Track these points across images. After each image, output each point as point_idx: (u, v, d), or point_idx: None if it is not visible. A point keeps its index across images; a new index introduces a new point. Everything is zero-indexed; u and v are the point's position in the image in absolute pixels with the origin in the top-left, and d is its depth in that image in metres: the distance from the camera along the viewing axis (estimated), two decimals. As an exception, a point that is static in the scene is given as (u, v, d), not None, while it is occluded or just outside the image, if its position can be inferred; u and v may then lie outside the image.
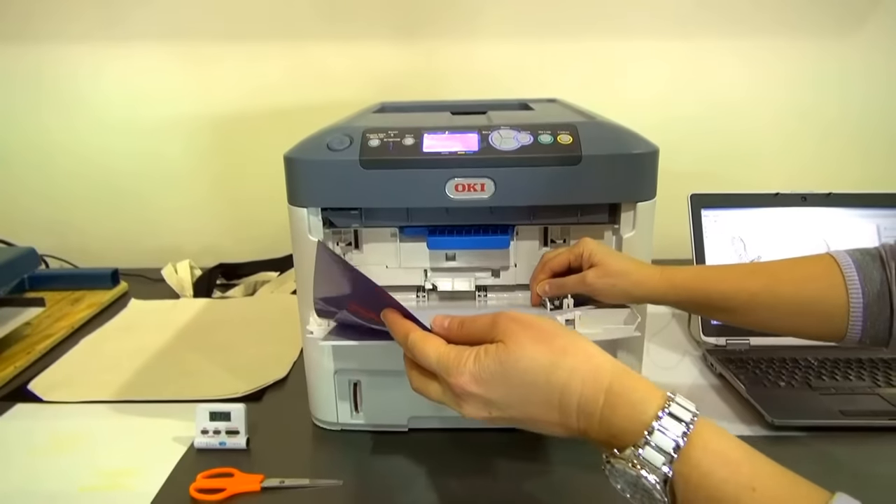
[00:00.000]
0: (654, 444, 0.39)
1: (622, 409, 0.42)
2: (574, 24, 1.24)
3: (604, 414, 0.42)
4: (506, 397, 0.45)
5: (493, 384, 0.44)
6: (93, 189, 1.35)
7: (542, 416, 0.45)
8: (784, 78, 1.27)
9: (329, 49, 1.26)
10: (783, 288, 0.61)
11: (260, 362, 0.90)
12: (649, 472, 0.39)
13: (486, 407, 0.45)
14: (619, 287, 0.63)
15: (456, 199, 0.64)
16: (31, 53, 1.27)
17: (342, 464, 0.69)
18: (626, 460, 0.40)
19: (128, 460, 0.69)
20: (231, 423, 0.71)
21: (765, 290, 0.61)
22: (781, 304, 0.61)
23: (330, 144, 0.65)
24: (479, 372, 0.45)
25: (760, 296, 0.61)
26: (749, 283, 0.62)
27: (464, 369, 0.45)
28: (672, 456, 0.39)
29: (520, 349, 0.44)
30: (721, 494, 0.38)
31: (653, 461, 0.39)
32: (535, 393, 0.44)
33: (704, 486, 0.38)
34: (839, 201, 0.95)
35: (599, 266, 0.64)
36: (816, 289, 0.60)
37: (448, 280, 0.71)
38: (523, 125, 0.66)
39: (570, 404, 0.43)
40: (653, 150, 0.65)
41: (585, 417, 0.43)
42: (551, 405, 0.44)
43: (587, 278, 0.64)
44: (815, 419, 0.73)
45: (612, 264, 0.64)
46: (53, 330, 1.01)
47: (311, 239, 0.67)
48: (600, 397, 0.42)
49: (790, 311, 0.61)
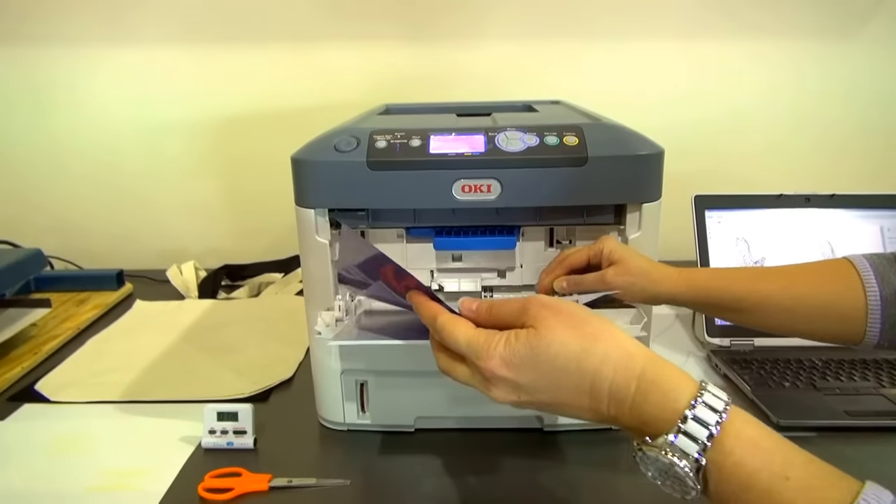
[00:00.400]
0: (687, 432, 0.39)
1: (654, 395, 0.42)
2: (578, 26, 1.25)
3: (635, 401, 0.42)
4: (535, 382, 0.45)
5: (523, 369, 0.45)
6: (98, 190, 1.35)
7: (572, 402, 0.45)
8: (787, 79, 1.27)
9: (334, 50, 1.26)
10: (799, 290, 0.61)
11: (266, 363, 0.90)
12: (682, 460, 0.39)
13: (516, 391, 0.45)
14: (637, 286, 0.64)
15: (462, 201, 0.64)
16: (37, 55, 1.27)
17: (349, 464, 0.70)
18: (658, 448, 0.40)
19: (136, 460, 0.70)
20: (238, 424, 0.71)
21: (781, 291, 0.61)
22: (797, 305, 0.61)
23: (337, 146, 0.65)
24: (509, 356, 0.45)
25: (776, 297, 0.61)
26: (765, 285, 0.62)
27: (494, 353, 0.45)
28: (706, 444, 0.39)
29: (550, 334, 0.44)
30: (754, 483, 0.38)
31: (686, 449, 0.39)
32: (565, 378, 0.44)
33: (737, 475, 0.38)
34: (842, 202, 0.95)
35: (619, 264, 0.64)
36: (833, 291, 0.60)
37: (454, 281, 0.72)
38: (529, 126, 0.66)
39: (601, 390, 0.43)
40: (658, 152, 0.65)
41: (616, 404, 0.43)
42: (581, 391, 0.44)
43: (606, 276, 0.64)
44: (821, 419, 0.73)
45: (632, 263, 0.64)
46: (59, 331, 1.01)
47: (319, 240, 0.67)
48: (632, 384, 0.42)
49: (806, 313, 0.61)
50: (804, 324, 0.62)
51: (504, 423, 0.73)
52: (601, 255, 0.66)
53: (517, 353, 0.45)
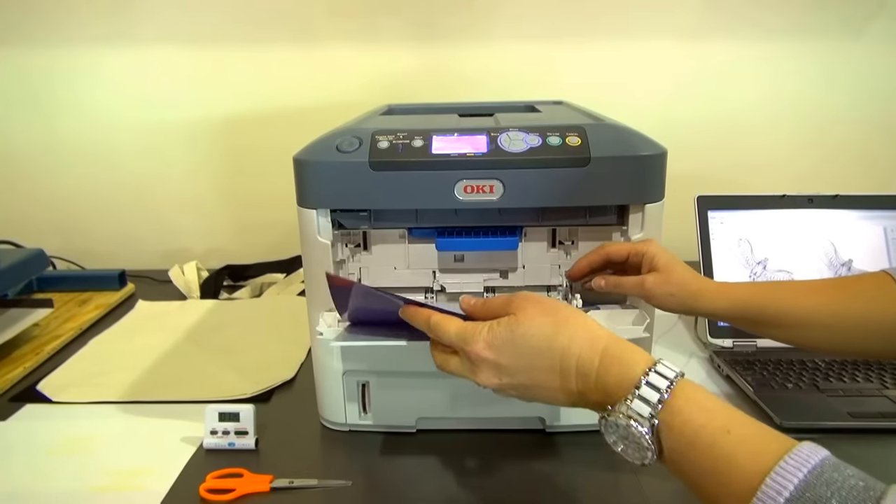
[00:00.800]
0: (642, 396, 0.44)
1: (615, 368, 0.47)
2: (581, 26, 1.25)
3: (599, 374, 0.47)
4: (514, 362, 0.50)
5: (503, 350, 0.50)
6: (100, 190, 1.35)
7: (545, 382, 0.50)
8: (791, 79, 1.27)
9: (336, 51, 1.26)
10: (843, 306, 0.60)
11: (267, 363, 0.90)
12: (637, 422, 0.44)
13: (498, 373, 0.51)
14: (676, 297, 0.63)
15: (465, 201, 0.64)
16: (38, 55, 1.27)
17: (351, 464, 0.69)
18: (617, 413, 0.45)
19: (138, 460, 0.70)
20: (240, 424, 0.71)
21: (824, 308, 0.60)
22: (840, 322, 0.60)
23: (339, 146, 0.65)
24: (491, 339, 0.51)
25: (820, 313, 0.60)
26: (807, 300, 0.61)
27: (479, 338, 0.51)
28: (657, 406, 0.43)
29: (528, 319, 0.50)
30: (699, 438, 0.42)
31: (640, 411, 0.44)
32: (539, 357, 0.50)
33: (685, 433, 0.43)
34: (846, 203, 0.95)
35: (660, 273, 0.63)
36: (878, 307, 0.58)
37: (456, 281, 0.71)
38: (532, 127, 0.66)
39: (569, 367, 0.49)
40: (661, 152, 0.65)
41: (583, 378, 0.48)
42: (553, 370, 0.49)
43: (646, 283, 0.63)
44: (824, 421, 0.73)
45: (675, 273, 0.63)
46: (62, 331, 1.01)
47: (321, 240, 0.67)
48: (596, 359, 0.48)
49: (851, 329, 0.59)
50: (848, 341, 0.60)
51: (506, 423, 0.73)
52: (642, 257, 0.65)
53: (498, 336, 0.50)
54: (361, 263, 0.72)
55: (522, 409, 0.71)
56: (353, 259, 0.72)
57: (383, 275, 0.72)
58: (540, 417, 0.72)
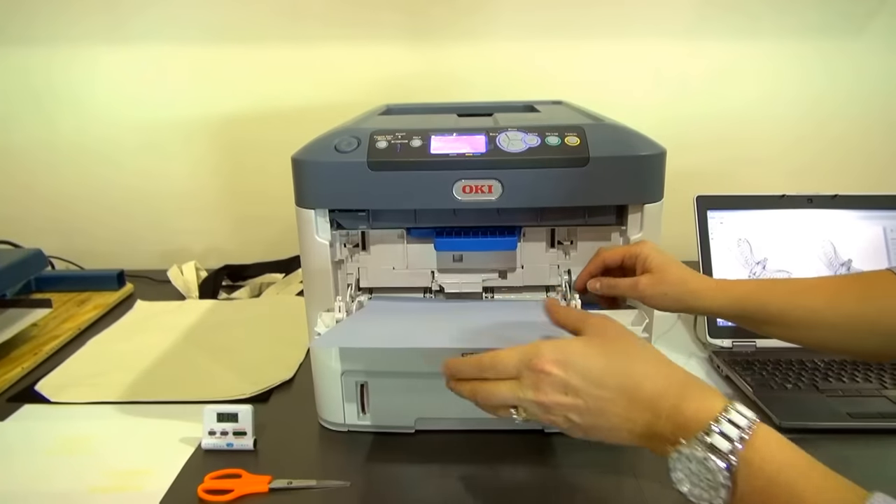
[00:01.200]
0: (722, 431, 0.42)
1: (693, 402, 0.45)
2: (579, 26, 1.24)
3: (674, 404, 0.45)
4: (585, 383, 0.47)
5: (575, 368, 0.47)
6: (99, 191, 1.35)
7: (611, 408, 0.47)
8: (790, 79, 1.27)
9: (335, 50, 1.26)
10: (846, 305, 0.59)
11: (266, 363, 0.90)
12: (716, 456, 0.42)
13: (565, 389, 0.48)
14: (671, 296, 0.62)
15: (463, 201, 0.64)
16: (38, 56, 1.27)
17: (349, 465, 0.69)
18: (693, 445, 0.43)
19: (136, 461, 0.70)
20: (238, 425, 0.71)
21: (827, 306, 0.59)
22: (844, 321, 0.59)
23: (338, 146, 0.65)
24: (564, 357, 0.48)
25: (823, 312, 0.59)
26: (810, 299, 0.60)
27: (546, 352, 0.48)
28: (738, 443, 0.42)
29: (607, 343, 0.49)
30: (779, 479, 0.41)
31: (720, 446, 0.42)
32: (612, 380, 0.47)
33: (765, 472, 0.41)
34: (845, 203, 0.94)
35: (654, 273, 0.63)
36: (882, 306, 0.57)
37: (455, 281, 0.71)
38: (530, 127, 0.66)
39: (642, 396, 0.46)
40: (660, 152, 0.65)
41: (654, 409, 0.46)
42: (624, 395, 0.47)
43: (639, 285, 0.63)
44: (823, 421, 0.72)
45: (669, 273, 0.63)
46: (60, 331, 1.01)
47: (319, 240, 0.67)
48: (672, 390, 0.46)
49: (854, 329, 0.58)
50: (852, 341, 0.59)
51: (505, 424, 0.73)
52: (636, 259, 0.65)
53: (573, 354, 0.48)
54: (360, 263, 0.72)
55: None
56: (351, 259, 0.72)
57: (382, 275, 0.72)
58: (539, 418, 0.72)
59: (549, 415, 0.49)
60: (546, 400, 0.48)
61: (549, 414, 0.49)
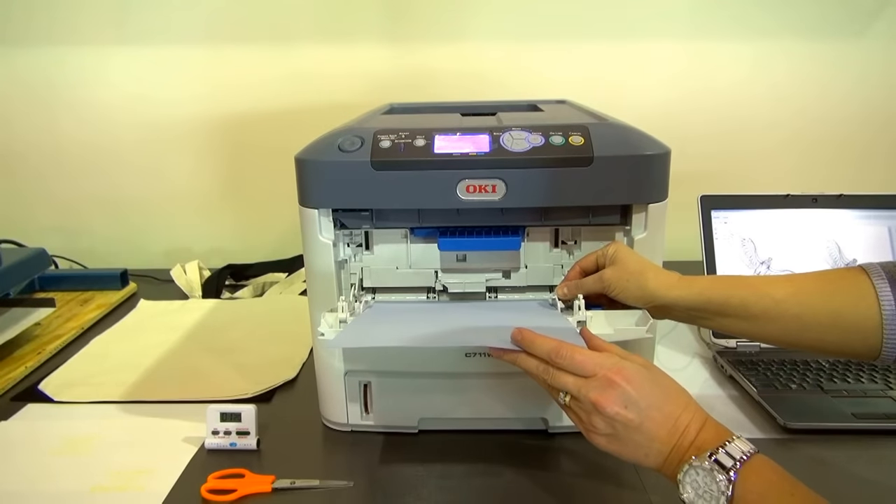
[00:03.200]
0: (727, 451, 0.49)
1: (710, 431, 0.52)
2: (584, 26, 1.24)
3: (699, 434, 0.52)
4: (644, 398, 0.52)
5: (638, 383, 0.53)
6: (102, 190, 1.35)
7: (653, 427, 0.52)
8: (793, 77, 1.27)
9: (338, 50, 1.26)
10: (809, 297, 0.58)
11: (269, 363, 0.90)
12: (719, 471, 0.48)
13: (625, 401, 0.52)
14: (632, 284, 0.62)
15: (467, 201, 0.64)
16: (39, 55, 1.27)
17: (352, 465, 0.69)
18: (703, 460, 0.49)
19: (139, 461, 0.70)
20: (242, 424, 0.71)
21: (790, 297, 0.59)
22: (807, 314, 0.58)
23: (341, 146, 0.65)
24: (629, 374, 0.53)
25: (786, 304, 0.58)
26: (773, 290, 0.59)
27: (621, 366, 0.53)
28: (739, 461, 0.49)
29: (659, 370, 0.56)
30: (769, 495, 0.48)
31: (724, 462, 0.49)
32: (666, 401, 0.53)
33: (758, 486, 0.48)
34: (850, 203, 0.94)
35: (617, 265, 0.64)
36: (844, 301, 0.57)
37: (459, 281, 0.71)
38: (534, 126, 0.66)
39: (685, 421, 0.52)
40: (664, 152, 0.64)
41: (682, 433, 0.52)
42: (671, 416, 0.52)
43: (604, 276, 0.64)
44: (828, 422, 0.72)
45: (630, 263, 0.63)
46: (63, 330, 1.01)
47: (322, 240, 0.67)
48: (700, 423, 0.53)
49: (817, 323, 0.58)
50: (814, 334, 0.58)
51: (509, 424, 0.73)
52: (605, 256, 0.66)
53: (635, 372, 0.53)
54: (363, 263, 0.71)
55: (525, 409, 0.71)
56: (354, 259, 0.72)
57: (385, 275, 0.72)
58: (543, 418, 0.72)
59: (597, 417, 0.53)
60: (606, 406, 0.52)
61: (597, 416, 0.53)
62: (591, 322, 0.62)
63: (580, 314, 0.63)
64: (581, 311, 0.63)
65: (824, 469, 0.67)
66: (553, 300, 0.69)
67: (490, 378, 0.70)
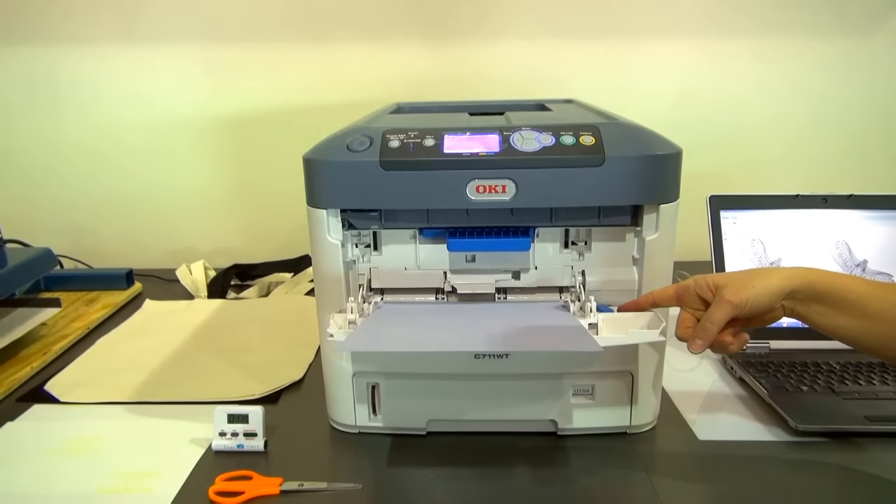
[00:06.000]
0: None
1: None
2: (590, 25, 1.24)
3: None
4: None
5: None
6: (108, 190, 1.35)
7: None
8: (802, 77, 1.26)
9: (344, 50, 1.26)
10: (890, 294, 0.58)
11: (276, 363, 0.90)
12: None
13: None
14: (759, 288, 0.60)
15: (477, 201, 0.63)
16: (44, 55, 1.27)
17: (360, 467, 0.69)
18: None
19: (146, 462, 0.69)
20: (249, 426, 0.70)
21: (871, 294, 0.59)
22: (887, 307, 0.58)
23: (350, 145, 0.64)
24: None
25: (866, 297, 0.59)
26: (855, 283, 0.60)
27: None
28: None
29: None
30: None
31: None
32: None
33: None
34: (861, 203, 0.93)
35: (730, 285, 0.61)
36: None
37: (468, 282, 0.70)
38: (545, 126, 0.65)
39: None
40: (676, 152, 0.64)
41: None
42: None
43: (733, 301, 0.60)
44: (840, 425, 0.71)
45: (737, 276, 0.62)
46: (69, 330, 1.01)
47: (330, 240, 0.67)
48: None
49: (886, 324, 0.57)
50: (880, 338, 0.58)
51: (518, 426, 0.72)
52: (706, 288, 0.63)
53: None
54: (372, 264, 0.71)
55: (534, 411, 0.70)
56: (363, 259, 0.71)
57: (394, 275, 0.71)
58: (552, 420, 0.71)
59: None
60: None
61: None
62: (603, 325, 0.62)
63: (591, 316, 0.62)
64: (593, 313, 0.62)
65: (837, 473, 0.66)
66: (565, 302, 0.68)
67: (499, 379, 0.70)
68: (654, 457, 0.69)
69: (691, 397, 0.81)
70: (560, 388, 0.70)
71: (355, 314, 0.64)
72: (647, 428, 0.73)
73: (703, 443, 0.71)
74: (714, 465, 0.68)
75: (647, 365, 0.70)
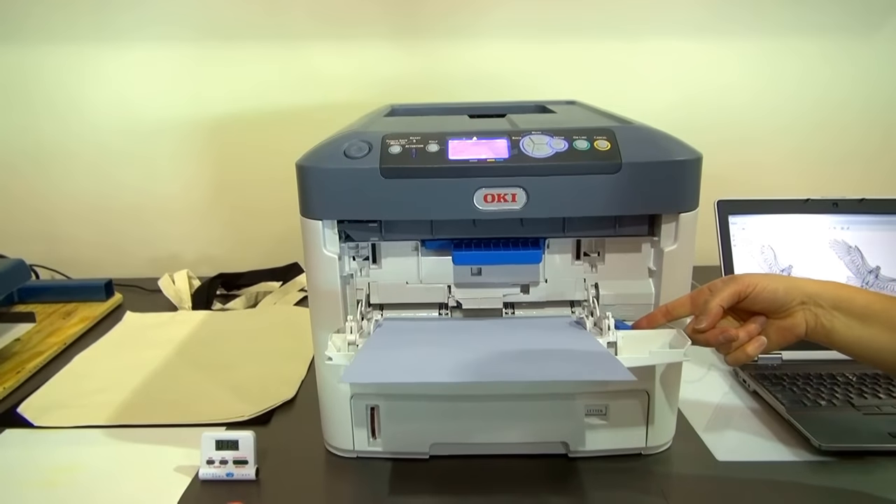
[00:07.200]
0: None
1: None
2: (583, 25, 1.21)
3: None
4: None
5: None
6: (85, 195, 1.29)
7: None
8: (812, 80, 1.24)
9: (330, 51, 1.22)
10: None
11: (266, 381, 0.85)
12: None
13: None
14: (774, 275, 0.60)
15: (484, 211, 0.59)
16: (21, 56, 1.22)
17: (359, 495, 0.65)
18: None
19: (127, 495, 0.64)
20: (239, 453, 0.65)
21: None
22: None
23: (347, 151, 0.60)
24: None
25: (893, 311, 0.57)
26: (889, 299, 0.58)
27: None
28: None
29: None
30: None
31: None
32: None
33: None
34: (872, 207, 0.90)
35: (764, 287, 0.59)
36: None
37: (473, 297, 0.66)
38: (556, 130, 0.61)
39: None
40: (696, 157, 0.60)
41: None
42: None
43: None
44: (864, 443, 0.68)
45: (769, 276, 0.60)
46: (44, 347, 0.95)
47: (327, 254, 0.62)
48: None
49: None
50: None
51: (526, 448, 0.68)
52: (742, 293, 0.60)
53: None
54: (371, 278, 0.66)
55: (544, 432, 0.66)
56: (360, 273, 0.66)
57: (394, 290, 0.66)
58: (563, 442, 0.67)
59: None
60: None
61: None
62: (623, 343, 0.58)
63: (610, 335, 0.58)
64: (611, 331, 0.58)
65: (864, 496, 0.63)
66: (579, 318, 0.64)
67: (507, 400, 0.66)
68: (672, 479, 0.66)
69: (703, 410, 0.78)
70: (572, 408, 0.66)
71: (355, 334, 0.59)
72: (663, 448, 0.69)
73: (723, 464, 0.68)
74: (736, 489, 0.64)
75: (664, 383, 0.66)
